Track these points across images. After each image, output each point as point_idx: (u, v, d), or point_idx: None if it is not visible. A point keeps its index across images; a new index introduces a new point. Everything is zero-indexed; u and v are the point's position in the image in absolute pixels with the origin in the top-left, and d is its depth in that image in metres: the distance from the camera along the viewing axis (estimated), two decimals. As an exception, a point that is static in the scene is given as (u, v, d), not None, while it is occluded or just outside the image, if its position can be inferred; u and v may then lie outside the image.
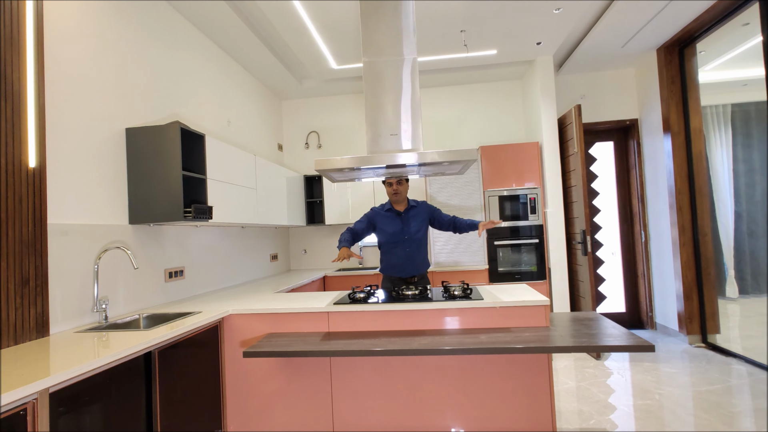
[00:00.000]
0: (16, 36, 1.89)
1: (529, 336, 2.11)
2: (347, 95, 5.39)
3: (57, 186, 2.10)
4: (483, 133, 5.22)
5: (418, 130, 2.51)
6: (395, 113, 2.47)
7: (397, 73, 2.48)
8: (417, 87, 2.52)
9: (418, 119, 2.53)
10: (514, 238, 4.51)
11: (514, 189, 4.53)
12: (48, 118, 2.06)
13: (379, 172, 2.61)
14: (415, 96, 2.51)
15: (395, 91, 2.49)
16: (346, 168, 2.33)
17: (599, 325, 2.26)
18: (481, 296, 2.43)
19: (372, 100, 2.50)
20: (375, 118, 2.49)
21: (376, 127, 2.48)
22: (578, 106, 4.06)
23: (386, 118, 2.47)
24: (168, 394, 1.98)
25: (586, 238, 3.98)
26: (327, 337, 2.30)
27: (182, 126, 2.62)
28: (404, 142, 2.46)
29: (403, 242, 3.03)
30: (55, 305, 2.04)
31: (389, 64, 2.49)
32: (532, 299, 2.28)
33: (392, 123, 2.46)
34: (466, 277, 4.52)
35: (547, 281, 4.45)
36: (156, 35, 2.94)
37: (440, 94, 5.25)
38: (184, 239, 3.11)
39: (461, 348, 1.99)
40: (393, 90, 2.49)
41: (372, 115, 2.49)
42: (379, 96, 2.50)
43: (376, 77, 2.50)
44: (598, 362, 3.82)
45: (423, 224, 3.07)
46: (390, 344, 2.08)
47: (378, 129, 2.48)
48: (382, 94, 2.50)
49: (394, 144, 2.46)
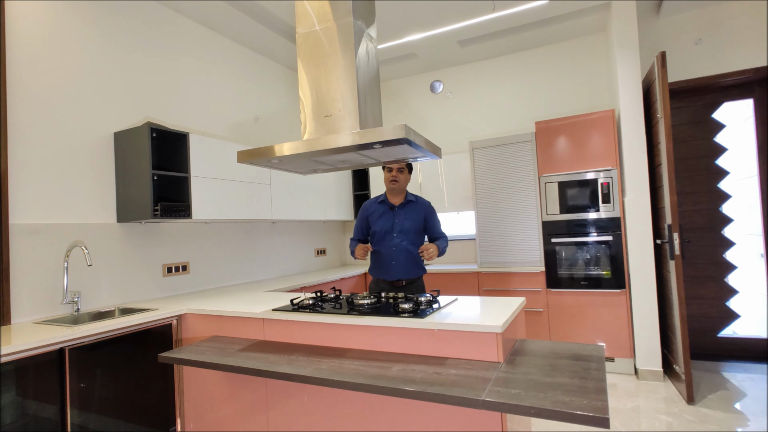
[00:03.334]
0: (-27, 57, 2.13)
1: (452, 375, 1.54)
2: (400, 79, 5.00)
3: (26, 189, 2.32)
4: (538, 107, 4.30)
5: (365, 108, 2.07)
6: (328, 91, 2.08)
7: (331, 42, 2.09)
8: (362, 56, 2.08)
9: (366, 95, 2.10)
10: (579, 234, 3.57)
11: (579, 173, 3.58)
12: (23, 126, 2.29)
13: (322, 163, 2.25)
14: (361, 68, 2.07)
15: (327, 66, 2.09)
16: (269, 159, 2.05)
17: (585, 369, 1.54)
18: (431, 313, 1.89)
19: (303, 80, 2.16)
20: (306, 98, 2.14)
21: (308, 109, 2.13)
22: (662, 55, 2.96)
23: (319, 98, 2.10)
24: (88, 390, 2.02)
25: (672, 235, 2.90)
26: (253, 347, 2.08)
27: (156, 126, 2.68)
28: (341, 123, 2.05)
29: (392, 241, 2.64)
30: (22, 297, 2.27)
31: (324, 32, 2.11)
32: (477, 324, 1.67)
33: (326, 103, 2.08)
34: (516, 280, 3.76)
35: (625, 291, 3.41)
36: (157, 39, 3.08)
37: (483, 68, 4.48)
38: (188, 235, 3.23)
39: (335, 380, 1.55)
40: (325, 65, 2.10)
41: (303, 96, 2.15)
42: (311, 73, 2.14)
43: (309, 52, 2.15)
44: (691, 407, 2.76)
45: (417, 223, 2.67)
46: (291, 364, 1.75)
47: (310, 111, 2.12)
48: (315, 70, 2.13)
49: (330, 127, 2.07)
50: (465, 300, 2.20)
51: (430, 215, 2.71)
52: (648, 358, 3.28)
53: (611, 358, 3.46)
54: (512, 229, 3.84)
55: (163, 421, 2.37)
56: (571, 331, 3.58)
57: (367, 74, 2.12)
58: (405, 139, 1.77)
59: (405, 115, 4.96)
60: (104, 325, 2.10)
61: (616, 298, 3.44)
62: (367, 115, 2.08)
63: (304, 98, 2.14)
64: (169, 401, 2.40)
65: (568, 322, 3.59)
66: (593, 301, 3.51)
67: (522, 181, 3.81)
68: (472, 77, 4.59)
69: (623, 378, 3.35)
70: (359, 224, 2.79)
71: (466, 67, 4.64)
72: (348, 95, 2.03)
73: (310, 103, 2.13)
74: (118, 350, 2.17)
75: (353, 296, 2.31)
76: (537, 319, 3.70)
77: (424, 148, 2.02)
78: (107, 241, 2.69)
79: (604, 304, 3.47)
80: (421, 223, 2.67)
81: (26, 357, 1.82)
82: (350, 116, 2.02)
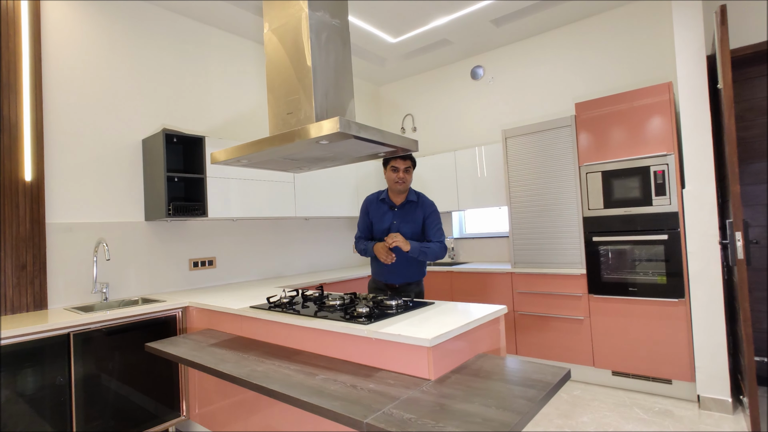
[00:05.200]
0: (13, 81, 2.50)
1: (368, 389, 1.40)
2: (437, 69, 4.76)
3: (63, 192, 2.68)
4: (581, 88, 3.75)
5: (324, 103, 1.99)
6: (288, 89, 2.03)
7: (287, 39, 2.03)
8: (322, 50, 2.00)
9: (329, 90, 2.01)
10: (626, 233, 3.04)
11: (627, 160, 3.05)
12: (59, 137, 2.66)
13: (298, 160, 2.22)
14: (319, 64, 1.99)
15: (285, 65, 2.04)
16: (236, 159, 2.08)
17: (516, 397, 1.29)
18: (382, 319, 1.76)
19: (268, 79, 2.14)
20: (271, 97, 2.12)
21: (273, 108, 2.11)
22: (721, 9, 2.37)
23: (281, 96, 2.06)
24: (91, 373, 2.27)
25: (733, 235, 2.32)
26: (226, 342, 2.14)
27: (171, 132, 2.90)
28: (299, 120, 1.99)
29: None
30: (58, 286, 2.63)
31: (282, 30, 2.06)
32: (408, 335, 1.50)
33: (287, 101, 2.04)
34: (553, 283, 3.35)
35: (685, 301, 2.83)
36: (184, 50, 3.33)
37: (524, 49, 4.01)
38: (215, 232, 3.46)
39: (245, 380, 1.51)
40: (283, 63, 2.05)
41: (269, 95, 2.13)
42: (273, 72, 2.11)
43: (272, 50, 2.12)
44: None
45: (416, 226, 2.48)
46: (237, 363, 1.76)
47: (274, 109, 2.10)
48: (276, 68, 2.09)
49: (290, 124, 2.03)
50: (441, 306, 2.01)
51: (430, 217, 2.48)
52: (712, 384, 2.69)
53: (668, 380, 2.91)
54: (549, 226, 3.43)
55: (169, 405, 2.56)
56: (617, 344, 3.08)
57: (328, 68, 2.03)
58: (342, 133, 1.66)
59: (440, 106, 4.70)
60: (110, 313, 2.34)
61: (673, 308, 2.87)
62: (327, 111, 2.00)
63: (270, 97, 2.13)
64: (174, 387, 2.59)
65: (614, 333, 3.09)
66: (645, 311, 2.98)
67: (560, 172, 3.37)
68: (514, 60, 4.18)
69: (682, 406, 2.80)
70: (363, 220, 2.64)
71: (506, 49, 4.24)
72: (302, 92, 1.97)
73: (274, 102, 2.11)
74: (124, 337, 2.40)
75: (328, 296, 2.25)
76: (577, 327, 3.26)
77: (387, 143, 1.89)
78: (135, 237, 2.99)
79: (658, 315, 2.93)
80: (420, 226, 2.49)
81: (36, 339, 2.09)
82: (306, 113, 1.96)
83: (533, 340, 3.47)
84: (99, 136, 2.87)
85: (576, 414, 2.77)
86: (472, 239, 4.48)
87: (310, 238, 4.25)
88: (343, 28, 2.15)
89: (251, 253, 3.71)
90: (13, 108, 2.50)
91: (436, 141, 4.77)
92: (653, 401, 2.89)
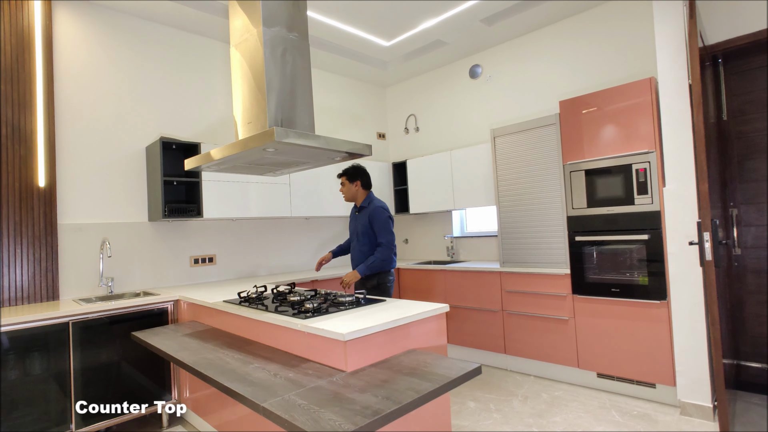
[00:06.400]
0: (29, 98, 2.84)
1: (285, 377, 1.54)
2: (434, 71, 4.80)
3: (74, 196, 3.00)
4: (562, 86, 3.68)
5: (279, 113, 2.14)
6: (248, 100, 2.19)
7: (253, 53, 2.19)
8: (277, 63, 2.14)
9: (284, 100, 2.16)
10: (608, 232, 2.98)
11: (609, 158, 2.98)
12: (70, 147, 2.99)
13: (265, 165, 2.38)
14: (275, 77, 2.14)
15: (248, 78, 2.20)
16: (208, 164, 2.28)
17: (407, 390, 1.38)
18: (320, 315, 1.89)
19: (234, 90, 2.31)
20: (236, 107, 2.30)
21: (237, 117, 2.28)
22: (691, 2, 2.29)
23: (244, 106, 2.23)
24: (89, 359, 2.55)
25: (701, 235, 2.24)
26: (199, 333, 2.35)
27: (167, 140, 3.16)
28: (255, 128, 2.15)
29: (353, 242, 2.97)
30: (69, 280, 2.95)
31: (242, 45, 2.23)
32: (329, 330, 1.62)
33: (247, 110, 2.20)
34: (539, 283, 3.34)
35: (667, 303, 2.75)
36: (185, 62, 3.60)
37: (517, 47, 3.95)
38: (215, 232, 3.71)
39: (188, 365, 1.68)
40: (245, 77, 2.21)
41: (234, 105, 2.31)
42: (238, 84, 2.28)
43: (236, 64, 2.29)
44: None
45: (366, 227, 2.84)
46: (197, 353, 1.95)
47: (239, 119, 2.27)
48: (239, 81, 2.26)
49: (248, 132, 2.19)
50: (389, 304, 2.11)
51: (373, 221, 2.78)
52: (693, 389, 2.61)
53: (652, 384, 2.84)
54: (536, 226, 3.40)
55: (161, 388, 2.82)
56: (601, 346, 3.03)
57: (284, 80, 2.17)
58: (279, 142, 1.80)
59: (441, 105, 4.73)
60: (105, 305, 2.62)
61: (655, 310, 2.80)
62: (282, 119, 2.14)
63: (235, 106, 2.31)
64: (165, 372, 2.85)
65: (598, 335, 3.05)
66: (627, 312, 2.91)
67: (546, 171, 3.34)
68: (510, 58, 4.15)
69: (663, 411, 2.73)
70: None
71: (502, 47, 4.21)
72: (258, 103, 2.12)
73: (239, 112, 2.28)
74: (122, 326, 2.67)
75: (293, 293, 2.40)
76: (561, 328, 3.23)
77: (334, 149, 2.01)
78: (140, 236, 3.29)
79: (641, 316, 2.86)
80: (368, 225, 2.81)
81: (39, 327, 2.39)
82: (260, 123, 2.11)
83: (521, 340, 3.47)
84: (106, 145, 3.18)
85: (550, 414, 2.77)
86: (473, 238, 4.49)
87: (309, 237, 4.44)
88: (300, 41, 2.28)
89: (250, 250, 3.94)
90: (28, 122, 2.84)
91: (438, 140, 4.81)
92: (634, 405, 2.83)
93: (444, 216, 4.71)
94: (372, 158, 5.04)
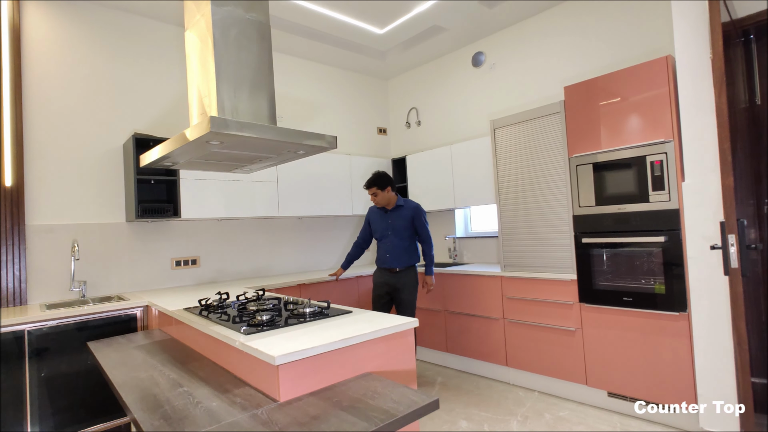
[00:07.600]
0: (-5, 95, 2.72)
1: (208, 406, 1.30)
2: (436, 60, 4.50)
3: (43, 196, 2.87)
4: (568, 70, 3.34)
5: (233, 102, 1.92)
6: (202, 88, 1.97)
7: (203, 36, 1.97)
8: (230, 47, 1.92)
9: (237, 87, 1.94)
10: (621, 234, 2.63)
11: (621, 149, 2.63)
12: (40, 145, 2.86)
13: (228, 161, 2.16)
14: (224, 61, 1.92)
15: (198, 63, 1.99)
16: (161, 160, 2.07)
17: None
18: (270, 329, 1.65)
19: (189, 78, 2.10)
20: (191, 96, 2.08)
21: (192, 108, 2.07)
22: (712, -37, 1.93)
23: (199, 95, 2.01)
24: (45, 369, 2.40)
25: (726, 239, 1.89)
26: (154, 345, 2.16)
27: (141, 136, 3.00)
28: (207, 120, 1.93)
29: (387, 237, 3.13)
30: (39, 283, 2.82)
31: (194, 28, 2.01)
32: (261, 351, 1.37)
33: (202, 100, 1.98)
34: (543, 289, 3.02)
35: (687, 315, 2.39)
36: (163, 57, 3.43)
37: (514, 33, 3.60)
38: (198, 232, 3.53)
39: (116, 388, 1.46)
40: (197, 61, 2.00)
41: (189, 94, 2.10)
42: (192, 69, 2.06)
43: (191, 50, 2.07)
44: None
45: (406, 221, 3.11)
46: (136, 367, 1.76)
47: (194, 109, 2.06)
48: (193, 66, 2.05)
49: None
50: (354, 316, 1.86)
51: (416, 217, 3.12)
52: (717, 415, 2.24)
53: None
54: (539, 226, 3.08)
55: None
56: (612, 361, 2.69)
57: (239, 65, 1.95)
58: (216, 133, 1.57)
59: (443, 97, 4.43)
60: (67, 311, 2.46)
61: (673, 323, 2.44)
62: (236, 109, 1.92)
63: (189, 95, 2.10)
64: (134, 383, 2.68)
65: (609, 349, 2.71)
66: (642, 324, 2.57)
67: (550, 165, 3.01)
68: (515, 43, 3.81)
69: (681, 437, 2.37)
70: (364, 228, 3.33)
71: (506, 32, 3.87)
72: (209, 91, 1.90)
73: (195, 102, 2.07)
74: (87, 334, 2.51)
75: (259, 300, 2.18)
76: (568, 340, 2.90)
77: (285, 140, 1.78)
78: (116, 237, 3.14)
79: (656, 330, 2.51)
80: (409, 222, 3.11)
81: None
82: (211, 112, 1.89)
83: (524, 352, 3.15)
84: (79, 142, 3.04)
85: (550, 438, 2.46)
86: (477, 239, 4.18)
87: (303, 238, 4.22)
88: (260, 22, 2.05)
89: (236, 252, 3.75)
90: (-7, 120, 2.72)
91: (440, 134, 4.51)
92: (649, 431, 2.48)
93: (446, 215, 4.41)
94: (371, 154, 4.79)
